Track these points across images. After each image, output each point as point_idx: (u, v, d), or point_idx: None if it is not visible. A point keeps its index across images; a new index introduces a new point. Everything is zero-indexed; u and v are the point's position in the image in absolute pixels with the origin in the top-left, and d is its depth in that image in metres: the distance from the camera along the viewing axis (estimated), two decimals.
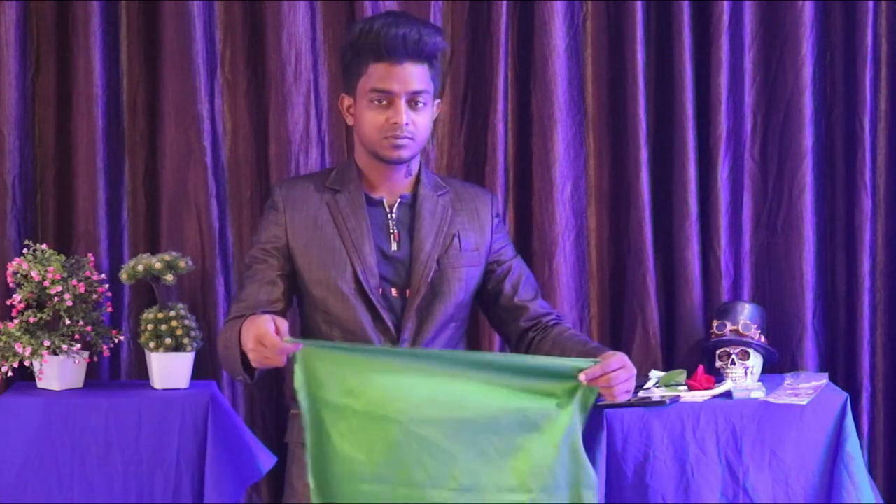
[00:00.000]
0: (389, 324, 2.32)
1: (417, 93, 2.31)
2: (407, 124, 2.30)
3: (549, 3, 3.14)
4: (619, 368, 2.13)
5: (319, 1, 3.15)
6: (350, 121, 2.42)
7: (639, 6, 3.16)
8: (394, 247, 2.37)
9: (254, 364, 2.09)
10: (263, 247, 2.39)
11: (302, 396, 2.05)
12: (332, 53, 3.16)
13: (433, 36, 2.32)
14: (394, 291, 2.35)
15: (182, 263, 2.90)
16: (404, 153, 2.33)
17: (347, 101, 2.41)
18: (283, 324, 2.05)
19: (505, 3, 3.13)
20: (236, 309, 2.36)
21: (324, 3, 3.16)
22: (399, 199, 2.41)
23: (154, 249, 3.09)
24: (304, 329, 2.46)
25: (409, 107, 2.30)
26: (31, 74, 3.09)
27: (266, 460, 2.93)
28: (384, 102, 2.30)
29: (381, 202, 2.40)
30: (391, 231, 2.38)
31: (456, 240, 2.40)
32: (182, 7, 3.05)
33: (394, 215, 2.39)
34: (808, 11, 3.19)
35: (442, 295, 2.37)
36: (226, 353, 2.25)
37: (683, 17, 3.16)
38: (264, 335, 2.00)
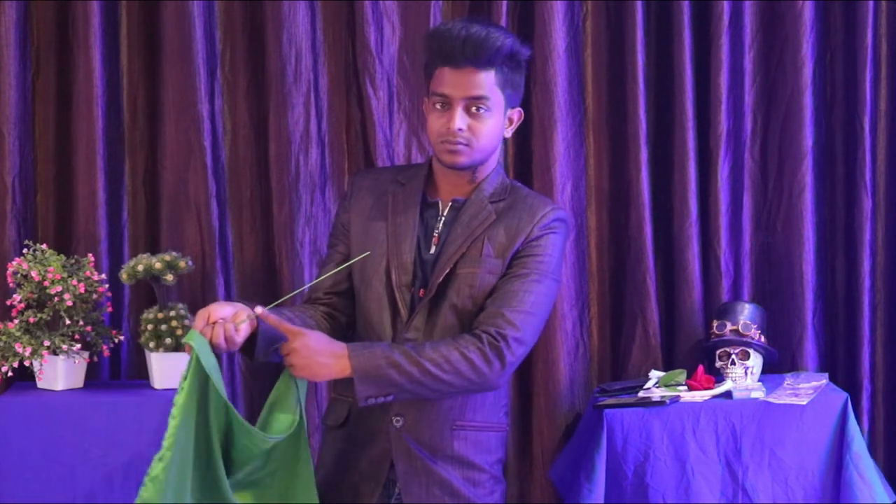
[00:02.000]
0: (406, 321, 2.32)
1: (475, 98, 2.26)
2: (461, 129, 2.26)
3: (549, 3, 3.14)
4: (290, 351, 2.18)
5: (319, 1, 3.15)
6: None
7: (639, 6, 3.16)
8: (432, 249, 2.35)
9: None
10: (333, 232, 2.47)
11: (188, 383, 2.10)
12: (332, 53, 3.16)
13: (497, 41, 2.25)
14: (421, 292, 2.33)
15: (182, 263, 2.91)
16: (459, 159, 2.30)
17: (426, 102, 2.39)
18: (218, 311, 2.13)
19: (505, 3, 3.13)
20: (307, 293, 2.46)
21: (324, 3, 3.16)
22: (451, 202, 2.39)
23: (154, 249, 3.09)
24: (357, 317, 2.44)
25: (467, 112, 2.27)
26: (31, 74, 3.09)
27: None
28: (443, 107, 2.28)
29: (436, 204, 2.39)
30: (436, 233, 2.36)
31: (480, 244, 2.33)
32: (182, 7, 3.05)
33: (443, 218, 2.38)
34: (808, 11, 3.19)
35: (447, 297, 2.32)
36: None
37: (683, 17, 3.16)
38: (201, 315, 2.12)
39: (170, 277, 2.87)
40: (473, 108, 2.27)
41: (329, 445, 2.44)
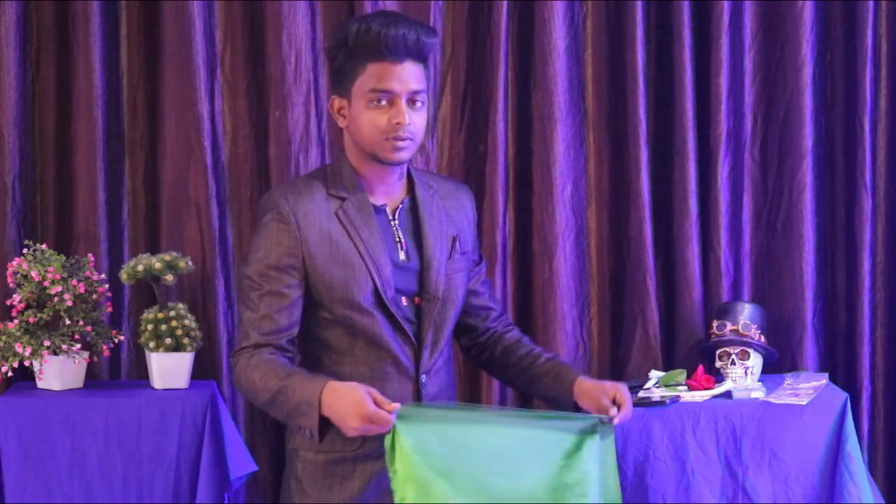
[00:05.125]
0: (410, 334, 2.30)
1: (417, 92, 2.25)
2: (409, 124, 2.24)
3: (549, 3, 3.14)
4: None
5: (319, 1, 3.15)
6: (342, 123, 2.32)
7: (639, 6, 3.16)
8: (402, 256, 2.32)
9: (352, 434, 2.09)
10: (276, 263, 2.23)
11: (397, 457, 2.07)
12: None
13: (430, 36, 2.27)
14: (403, 300, 2.31)
15: (182, 263, 2.90)
16: (404, 154, 2.27)
17: (339, 102, 2.31)
18: (375, 392, 2.09)
19: (505, 3, 3.13)
20: (257, 336, 2.23)
21: (324, 3, 3.15)
22: (400, 206, 2.36)
23: (154, 249, 3.09)
24: (321, 340, 2.32)
25: (408, 106, 2.24)
26: (31, 74, 3.09)
27: (247, 465, 2.93)
28: (384, 102, 2.23)
29: (384, 209, 2.34)
30: (397, 240, 2.33)
31: (457, 243, 2.38)
32: (182, 7, 3.05)
33: (397, 222, 2.34)
34: (808, 11, 3.19)
35: (451, 302, 2.35)
36: (284, 402, 2.17)
37: (683, 17, 3.16)
38: (374, 415, 2.04)
39: (170, 277, 2.87)
40: (413, 102, 2.26)
41: (303, 473, 2.37)
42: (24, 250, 2.90)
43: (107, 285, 2.96)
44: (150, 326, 2.89)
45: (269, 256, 2.24)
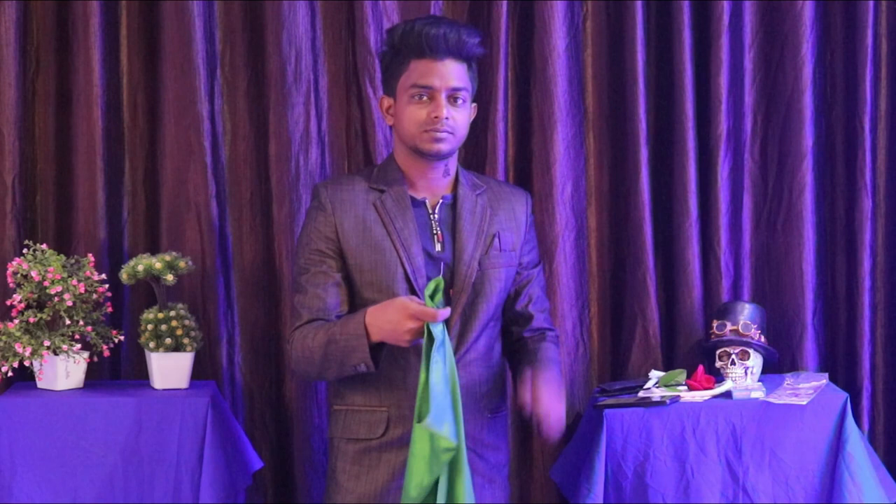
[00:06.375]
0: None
1: (457, 89, 2.37)
2: (447, 118, 2.35)
3: (549, 3, 3.14)
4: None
5: (319, 1, 3.15)
6: (390, 121, 2.47)
7: (639, 6, 3.16)
8: (437, 248, 2.42)
9: (405, 344, 2.20)
10: (318, 248, 2.41)
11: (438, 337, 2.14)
12: (332, 53, 3.16)
13: (473, 37, 2.39)
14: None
15: (182, 263, 2.90)
16: (443, 147, 2.38)
17: (387, 101, 2.46)
18: (415, 298, 2.23)
19: (505, 3, 3.13)
20: (308, 313, 2.38)
21: (324, 3, 3.16)
22: (441, 200, 2.45)
23: (154, 249, 3.09)
24: None
25: (448, 103, 2.37)
26: (30, 74, 3.09)
27: (255, 462, 2.94)
28: (425, 98, 2.36)
29: (423, 203, 2.44)
30: (435, 232, 2.43)
31: (496, 240, 2.45)
32: (182, 7, 3.05)
33: (436, 216, 2.44)
34: (808, 11, 3.19)
35: (484, 295, 2.41)
36: (335, 349, 2.29)
37: (683, 17, 3.16)
38: (422, 312, 2.14)
39: (170, 277, 2.87)
40: (454, 99, 2.37)
41: (344, 458, 2.45)
42: (24, 250, 2.90)
43: (107, 285, 2.96)
44: (150, 326, 2.89)
45: (311, 242, 2.42)
